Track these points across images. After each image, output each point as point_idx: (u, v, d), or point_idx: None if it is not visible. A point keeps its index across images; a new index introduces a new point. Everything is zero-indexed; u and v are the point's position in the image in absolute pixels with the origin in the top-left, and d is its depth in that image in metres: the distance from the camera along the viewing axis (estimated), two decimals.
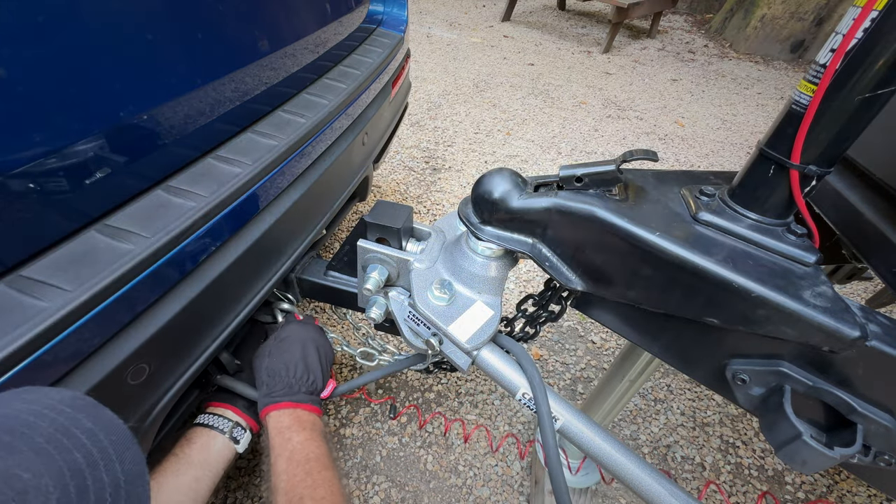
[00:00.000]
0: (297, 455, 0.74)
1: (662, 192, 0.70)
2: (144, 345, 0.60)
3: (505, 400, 1.47)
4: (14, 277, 0.52)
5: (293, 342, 0.91)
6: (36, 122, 0.52)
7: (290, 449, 0.75)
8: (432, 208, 2.25)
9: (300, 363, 0.88)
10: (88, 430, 0.36)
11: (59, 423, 0.35)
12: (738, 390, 0.63)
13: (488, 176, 0.70)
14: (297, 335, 0.93)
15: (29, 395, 0.38)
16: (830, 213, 0.82)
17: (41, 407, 0.36)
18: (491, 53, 4.30)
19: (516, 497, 1.25)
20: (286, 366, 0.86)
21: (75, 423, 0.36)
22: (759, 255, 0.60)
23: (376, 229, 0.77)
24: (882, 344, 0.52)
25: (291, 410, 0.82)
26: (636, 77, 4.10)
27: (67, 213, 0.58)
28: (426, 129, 2.93)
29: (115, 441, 0.37)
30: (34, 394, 0.38)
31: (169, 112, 0.69)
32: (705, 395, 1.54)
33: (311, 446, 0.76)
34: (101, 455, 0.35)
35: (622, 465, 0.65)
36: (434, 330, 0.72)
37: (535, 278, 1.91)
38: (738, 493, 1.29)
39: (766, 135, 0.61)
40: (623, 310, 0.74)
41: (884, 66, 0.48)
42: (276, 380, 0.85)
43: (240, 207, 0.75)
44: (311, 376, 0.88)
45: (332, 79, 1.11)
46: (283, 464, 0.73)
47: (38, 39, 0.51)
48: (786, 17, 4.74)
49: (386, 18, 1.48)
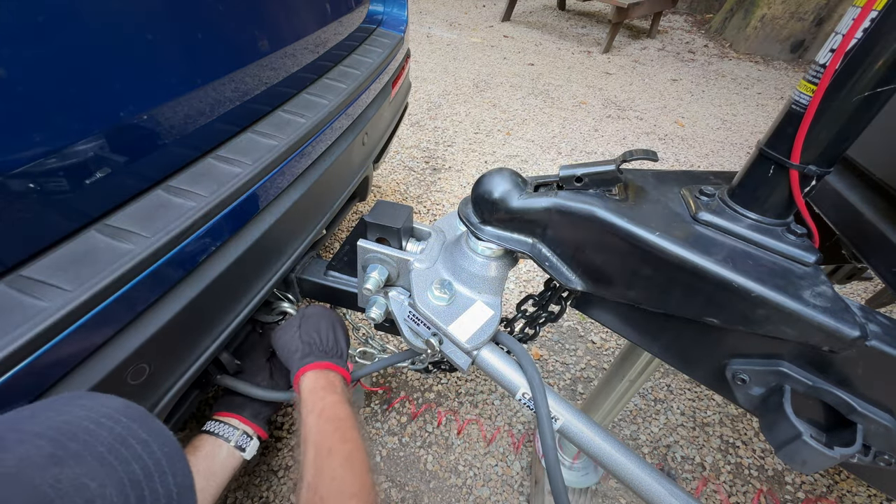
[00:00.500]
0: (327, 412, 0.76)
1: (662, 192, 0.70)
2: (144, 345, 0.60)
3: (505, 400, 1.47)
4: (14, 277, 0.52)
5: (321, 317, 0.93)
6: (36, 122, 0.52)
7: (322, 406, 0.77)
8: (432, 208, 2.25)
9: (330, 333, 0.90)
10: (144, 441, 0.37)
11: (116, 432, 0.36)
12: (738, 390, 0.63)
13: (488, 176, 0.70)
14: (321, 312, 0.95)
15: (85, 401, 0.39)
16: (830, 213, 0.82)
17: (98, 415, 0.37)
18: (491, 53, 4.30)
19: (516, 497, 1.25)
20: (318, 334, 0.89)
21: (131, 433, 0.37)
22: (759, 254, 0.60)
23: (376, 229, 0.77)
24: (882, 344, 0.52)
25: (327, 372, 0.83)
26: (636, 77, 4.10)
27: (67, 213, 0.58)
28: (426, 129, 2.93)
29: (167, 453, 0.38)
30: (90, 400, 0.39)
31: (169, 112, 0.69)
32: (705, 395, 1.54)
33: (340, 407, 0.78)
34: (155, 467, 0.36)
35: (622, 465, 0.65)
36: (434, 330, 0.72)
37: (535, 278, 1.91)
38: (738, 493, 1.29)
39: (766, 135, 0.61)
40: (623, 310, 0.74)
41: (883, 65, 0.48)
42: (311, 345, 0.87)
43: (240, 207, 0.75)
44: (340, 347, 0.91)
45: (332, 79, 1.11)
46: (315, 419, 0.74)
47: (38, 39, 0.51)
48: (786, 17, 4.74)
49: (386, 18, 1.48)
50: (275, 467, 1.25)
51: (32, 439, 0.33)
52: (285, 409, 1.39)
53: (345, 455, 0.70)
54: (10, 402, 0.48)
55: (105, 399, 0.40)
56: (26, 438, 0.33)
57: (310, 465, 0.68)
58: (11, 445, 0.32)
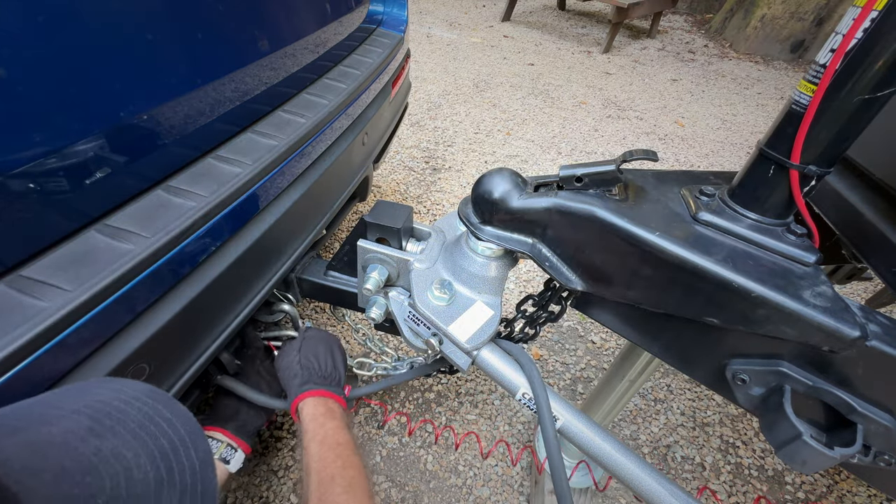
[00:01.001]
0: (328, 439, 0.79)
1: (662, 192, 0.70)
2: (144, 345, 0.60)
3: (505, 400, 1.47)
4: (14, 277, 0.52)
5: (319, 341, 0.96)
6: (36, 122, 0.52)
7: (323, 434, 0.79)
8: (432, 208, 2.25)
9: (329, 359, 0.93)
10: (168, 420, 0.41)
11: (144, 411, 0.40)
12: (738, 390, 0.63)
13: (488, 176, 0.70)
14: (321, 336, 0.98)
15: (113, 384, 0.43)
16: (830, 213, 0.82)
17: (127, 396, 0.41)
18: (491, 53, 4.30)
19: (516, 497, 1.25)
20: (317, 360, 0.92)
21: (157, 412, 0.41)
22: (759, 255, 0.60)
23: (376, 229, 0.77)
24: (882, 344, 0.52)
25: (325, 399, 0.87)
26: (636, 77, 4.10)
27: (67, 213, 0.58)
28: (426, 129, 2.93)
29: (189, 431, 0.41)
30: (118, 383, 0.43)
31: (169, 112, 0.69)
32: (705, 395, 1.54)
33: (341, 433, 0.81)
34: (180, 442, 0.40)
35: (622, 465, 0.65)
36: (434, 330, 0.72)
37: (535, 278, 1.91)
38: (738, 494, 1.29)
39: (766, 135, 0.61)
40: (623, 310, 0.74)
41: (884, 66, 0.48)
42: (310, 371, 0.90)
43: (240, 207, 0.75)
44: (338, 373, 0.94)
45: (332, 79, 1.11)
46: (316, 447, 0.77)
47: (38, 39, 0.51)
48: (786, 17, 4.74)
49: (386, 18, 1.48)
50: (275, 467, 1.25)
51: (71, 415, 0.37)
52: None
53: (347, 481, 0.72)
54: (10, 402, 0.48)
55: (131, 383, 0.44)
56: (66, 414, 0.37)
57: (313, 493, 0.71)
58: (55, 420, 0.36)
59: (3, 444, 0.32)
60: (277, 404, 0.95)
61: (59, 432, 0.34)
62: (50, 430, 0.34)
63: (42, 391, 0.51)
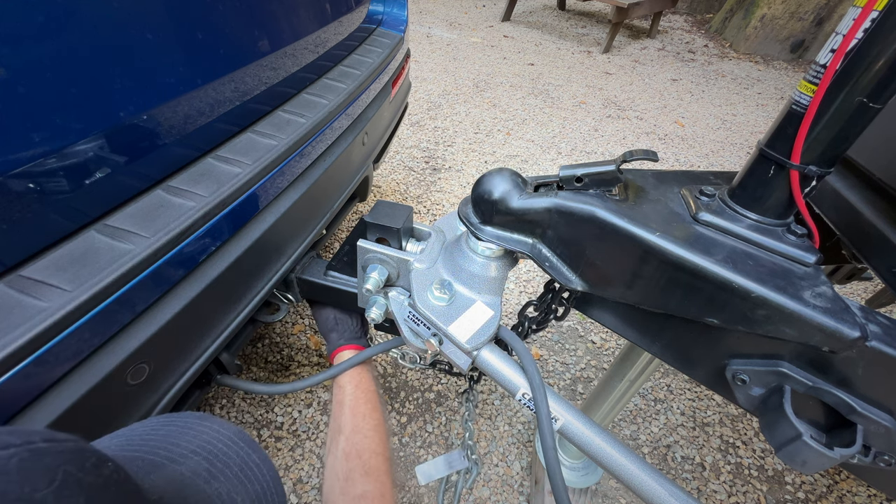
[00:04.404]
0: (363, 385, 0.91)
1: (662, 192, 0.70)
2: (144, 344, 0.60)
3: (505, 400, 1.47)
4: (14, 277, 0.52)
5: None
6: (36, 122, 0.52)
7: (359, 380, 0.91)
8: (432, 208, 2.25)
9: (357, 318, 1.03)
10: (257, 465, 0.43)
11: (240, 455, 0.42)
12: (738, 390, 0.63)
13: (488, 176, 0.70)
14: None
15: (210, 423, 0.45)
16: (830, 213, 0.82)
17: (225, 438, 0.43)
18: (491, 53, 4.30)
19: (516, 497, 1.25)
20: (349, 317, 1.01)
21: (248, 456, 0.43)
22: (759, 255, 0.60)
23: (376, 229, 0.77)
24: (882, 344, 0.52)
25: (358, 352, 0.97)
26: (636, 77, 4.10)
27: (67, 213, 0.58)
28: (426, 129, 2.93)
29: (272, 476, 0.44)
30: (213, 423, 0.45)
31: (169, 112, 0.69)
32: (705, 395, 1.54)
33: (371, 384, 0.93)
34: (266, 487, 0.42)
35: (622, 465, 0.65)
36: (434, 330, 0.71)
37: (535, 278, 1.91)
38: (738, 494, 1.29)
39: (766, 135, 0.61)
40: (623, 310, 0.74)
41: (884, 66, 0.48)
42: (344, 326, 1.00)
43: (240, 207, 0.75)
44: (366, 330, 1.05)
45: (332, 79, 1.11)
46: (352, 388, 0.89)
47: (38, 39, 0.51)
48: (786, 17, 4.75)
49: (386, 18, 1.48)
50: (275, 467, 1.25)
51: (191, 455, 0.38)
52: (285, 409, 1.39)
53: (375, 421, 0.86)
54: (10, 402, 0.48)
55: (221, 423, 0.46)
56: (186, 454, 0.38)
57: (348, 422, 0.84)
58: (180, 459, 0.38)
59: (153, 480, 0.33)
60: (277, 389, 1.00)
61: (188, 472, 0.36)
62: (181, 470, 0.36)
63: (42, 391, 0.51)
